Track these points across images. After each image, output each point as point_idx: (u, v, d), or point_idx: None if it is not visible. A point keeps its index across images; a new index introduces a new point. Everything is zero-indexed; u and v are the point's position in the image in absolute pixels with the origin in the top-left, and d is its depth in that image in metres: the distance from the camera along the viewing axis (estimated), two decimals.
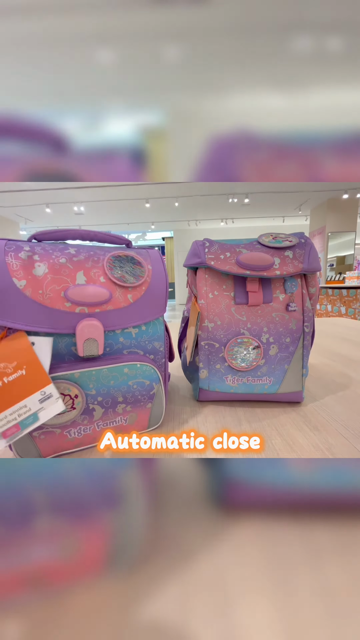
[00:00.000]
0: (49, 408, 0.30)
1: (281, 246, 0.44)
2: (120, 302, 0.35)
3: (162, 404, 0.40)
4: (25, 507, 0.19)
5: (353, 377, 0.60)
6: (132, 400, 0.37)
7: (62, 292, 0.32)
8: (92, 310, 0.33)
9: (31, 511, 0.19)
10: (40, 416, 0.30)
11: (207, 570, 0.20)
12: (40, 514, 0.19)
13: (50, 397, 0.30)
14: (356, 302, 3.23)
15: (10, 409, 0.28)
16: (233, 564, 0.21)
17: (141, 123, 0.29)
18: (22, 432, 0.29)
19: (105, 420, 0.36)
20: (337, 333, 1.04)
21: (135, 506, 0.22)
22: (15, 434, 0.28)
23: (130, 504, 0.21)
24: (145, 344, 0.38)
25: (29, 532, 0.19)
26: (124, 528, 0.21)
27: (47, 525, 0.19)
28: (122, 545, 0.21)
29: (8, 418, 0.28)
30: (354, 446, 0.36)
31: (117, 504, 0.21)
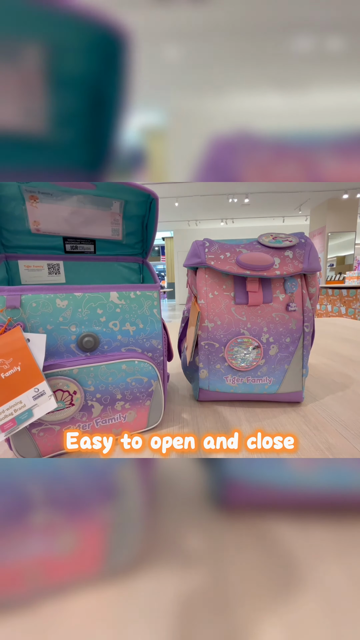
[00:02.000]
0: (42, 405, 0.30)
1: (281, 246, 0.44)
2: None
3: (161, 403, 0.40)
4: (25, 507, 0.19)
5: (353, 377, 0.60)
6: (131, 397, 0.37)
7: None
8: None
9: (31, 511, 0.19)
10: (35, 412, 0.30)
11: (206, 571, 0.20)
12: (40, 514, 0.19)
13: (44, 394, 0.30)
14: (356, 302, 3.23)
15: (7, 404, 0.29)
16: (233, 564, 0.21)
17: (141, 123, 0.29)
18: (18, 427, 0.29)
19: (104, 417, 0.36)
20: (337, 333, 1.04)
21: (135, 506, 0.22)
22: (12, 428, 0.29)
23: (129, 503, 0.21)
24: (142, 341, 0.38)
25: (28, 532, 0.19)
26: (123, 528, 0.21)
27: (47, 525, 0.19)
28: (122, 545, 0.21)
29: (5, 413, 0.29)
30: (354, 446, 0.36)
31: (117, 504, 0.21)
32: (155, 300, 0.39)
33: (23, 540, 0.19)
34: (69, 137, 0.28)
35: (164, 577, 0.20)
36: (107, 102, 0.27)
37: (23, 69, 0.24)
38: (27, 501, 0.19)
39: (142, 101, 0.28)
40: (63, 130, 0.28)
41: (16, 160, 0.29)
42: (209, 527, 0.23)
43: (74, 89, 0.26)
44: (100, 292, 0.35)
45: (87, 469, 0.21)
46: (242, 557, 0.21)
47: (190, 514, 0.24)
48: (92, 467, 0.22)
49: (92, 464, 0.22)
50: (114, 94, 0.27)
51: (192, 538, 0.22)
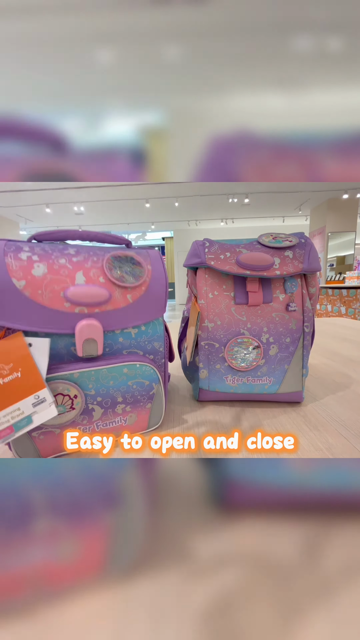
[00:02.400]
0: (42, 412, 0.30)
1: (281, 246, 0.44)
2: (120, 303, 0.35)
3: (162, 405, 0.40)
4: (25, 507, 0.19)
5: (353, 377, 0.60)
6: (132, 400, 0.37)
7: (62, 292, 0.32)
8: (92, 311, 0.33)
9: (30, 511, 0.19)
10: (34, 419, 0.30)
11: (206, 571, 0.20)
12: (39, 513, 0.19)
13: (44, 401, 0.30)
14: (356, 302, 3.23)
15: (3, 411, 0.28)
16: (233, 564, 0.21)
17: (141, 123, 0.29)
18: (15, 434, 0.29)
19: (104, 420, 0.36)
20: (337, 333, 1.04)
21: (135, 506, 0.22)
22: (8, 436, 0.28)
23: (130, 504, 0.21)
24: (144, 344, 0.38)
25: (28, 532, 0.19)
26: (123, 528, 0.21)
27: (47, 525, 0.19)
28: (122, 545, 0.21)
29: (1, 420, 0.28)
30: (354, 446, 0.36)
31: (117, 504, 0.21)
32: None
33: (23, 542, 0.19)
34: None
35: (165, 578, 0.20)
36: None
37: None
38: (27, 501, 0.19)
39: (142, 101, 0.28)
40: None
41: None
42: (209, 527, 0.23)
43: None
44: None
45: (87, 469, 0.21)
46: (242, 557, 0.21)
47: (191, 514, 0.24)
48: (92, 467, 0.22)
49: (92, 464, 0.22)
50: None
51: (192, 538, 0.22)
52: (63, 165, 0.29)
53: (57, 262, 0.33)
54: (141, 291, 0.36)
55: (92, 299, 0.33)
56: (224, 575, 0.20)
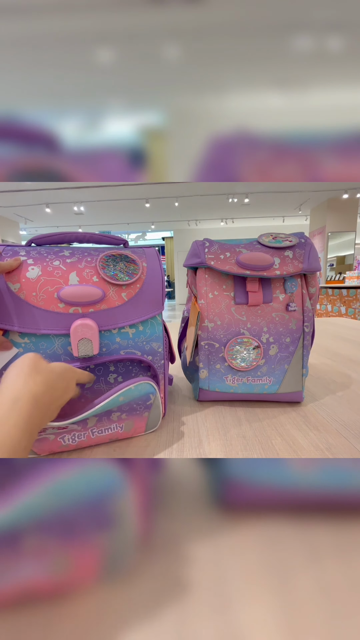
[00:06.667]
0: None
1: (281, 246, 0.44)
2: (115, 301, 0.35)
3: (160, 410, 0.39)
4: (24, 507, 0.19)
5: (353, 377, 0.60)
6: (127, 409, 0.36)
7: (55, 293, 0.32)
8: (86, 310, 0.33)
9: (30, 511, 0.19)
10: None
11: (207, 571, 0.20)
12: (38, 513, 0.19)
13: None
14: (356, 302, 3.23)
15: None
16: (233, 564, 0.21)
17: (140, 123, 0.29)
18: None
19: (99, 427, 0.35)
20: (337, 333, 1.04)
21: (135, 506, 0.21)
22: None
23: (129, 504, 0.21)
24: (142, 344, 0.37)
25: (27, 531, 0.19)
26: (123, 528, 0.21)
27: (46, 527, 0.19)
28: (122, 545, 0.21)
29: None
30: (354, 446, 0.36)
31: (117, 504, 0.21)
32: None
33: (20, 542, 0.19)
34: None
35: (165, 578, 0.20)
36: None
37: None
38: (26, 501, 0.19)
39: (142, 101, 0.28)
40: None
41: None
42: (208, 526, 0.23)
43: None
44: None
45: (87, 469, 0.21)
46: (242, 557, 0.21)
47: (190, 514, 0.24)
48: (92, 467, 0.22)
49: (92, 463, 0.22)
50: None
51: (192, 538, 0.22)
52: (63, 165, 0.29)
53: (51, 264, 0.33)
54: (136, 288, 0.36)
55: (86, 299, 0.33)
56: (223, 574, 0.20)
